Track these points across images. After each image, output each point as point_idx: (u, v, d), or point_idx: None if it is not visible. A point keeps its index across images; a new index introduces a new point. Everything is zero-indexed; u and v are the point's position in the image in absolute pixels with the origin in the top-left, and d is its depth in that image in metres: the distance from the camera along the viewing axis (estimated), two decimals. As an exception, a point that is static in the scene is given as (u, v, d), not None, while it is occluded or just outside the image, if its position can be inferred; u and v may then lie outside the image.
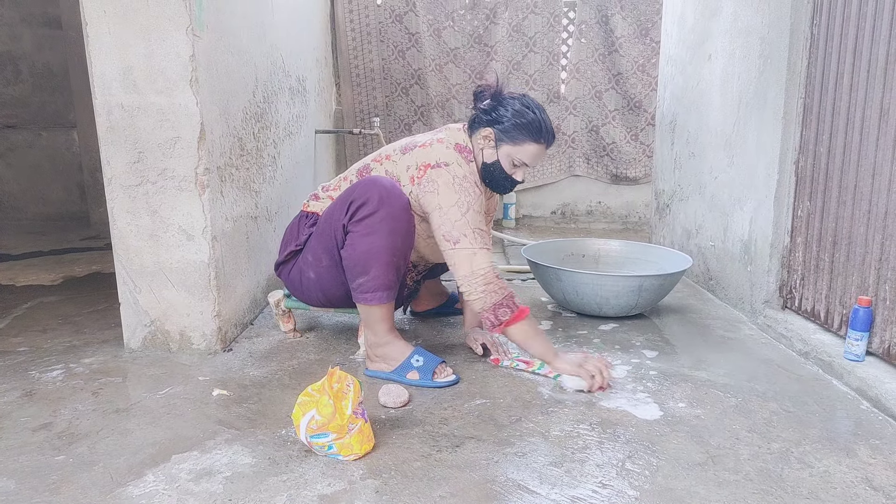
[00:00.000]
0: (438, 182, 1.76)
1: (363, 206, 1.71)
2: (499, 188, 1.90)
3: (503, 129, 1.80)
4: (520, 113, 1.79)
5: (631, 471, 1.32)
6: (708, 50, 2.70)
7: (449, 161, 1.78)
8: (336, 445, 1.33)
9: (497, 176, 1.85)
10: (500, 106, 1.82)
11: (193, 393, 1.70)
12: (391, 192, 1.73)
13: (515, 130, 1.79)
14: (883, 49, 1.69)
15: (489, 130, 1.82)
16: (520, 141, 1.80)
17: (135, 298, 1.96)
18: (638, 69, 4.34)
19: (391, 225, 1.71)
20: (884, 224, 1.69)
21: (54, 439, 1.45)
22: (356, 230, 1.72)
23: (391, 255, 1.73)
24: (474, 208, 1.76)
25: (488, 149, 1.84)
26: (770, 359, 1.95)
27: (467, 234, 1.73)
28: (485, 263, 1.72)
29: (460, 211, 1.74)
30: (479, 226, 1.75)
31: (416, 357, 1.76)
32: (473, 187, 1.78)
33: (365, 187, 1.74)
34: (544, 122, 1.80)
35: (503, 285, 1.74)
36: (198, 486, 1.27)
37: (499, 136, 1.81)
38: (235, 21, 2.12)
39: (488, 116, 1.83)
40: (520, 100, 1.82)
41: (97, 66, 1.82)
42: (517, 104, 1.80)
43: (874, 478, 1.30)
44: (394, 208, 1.71)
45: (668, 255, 2.57)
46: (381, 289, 1.75)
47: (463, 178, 1.77)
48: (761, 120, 2.23)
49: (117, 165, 1.88)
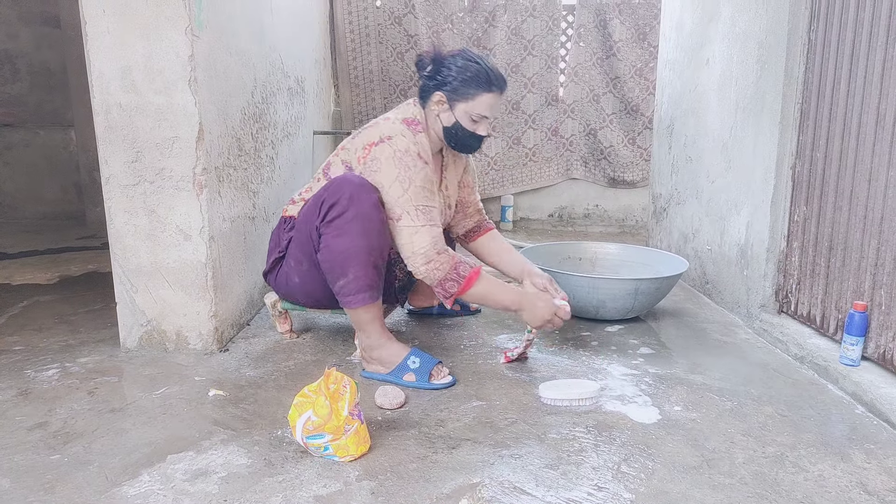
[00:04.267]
0: (381, 159, 1.74)
1: (333, 207, 1.69)
2: (467, 148, 1.89)
3: (452, 88, 1.78)
4: (464, 68, 1.77)
5: (626, 474, 1.32)
6: (706, 54, 2.71)
7: (392, 134, 1.76)
8: (332, 446, 1.33)
9: (461, 136, 1.84)
10: (443, 67, 1.80)
11: (189, 393, 1.70)
12: (360, 190, 1.69)
13: (465, 86, 1.77)
14: (880, 55, 1.69)
15: (439, 94, 1.80)
16: (472, 95, 1.78)
17: (131, 298, 1.96)
18: (636, 73, 4.35)
19: (363, 224, 1.67)
20: (879, 229, 1.70)
21: (49, 438, 1.45)
22: (328, 231, 1.70)
23: (367, 255, 1.69)
24: (417, 183, 1.72)
25: (444, 113, 1.82)
26: (766, 363, 1.96)
27: (409, 212, 1.71)
28: (426, 242, 1.71)
29: (402, 187, 1.72)
30: (422, 202, 1.73)
31: (412, 358, 1.76)
32: (416, 160, 1.74)
33: (334, 187, 1.71)
34: (491, 70, 1.79)
35: (446, 259, 1.72)
36: (193, 486, 1.27)
37: (451, 97, 1.79)
38: (235, 22, 2.12)
39: (434, 81, 1.81)
40: (460, 55, 1.80)
41: (96, 66, 1.82)
42: (459, 60, 1.79)
43: (868, 482, 1.30)
44: (363, 206, 1.67)
45: (665, 259, 2.58)
46: (363, 290, 1.72)
47: (405, 152, 1.73)
48: (758, 125, 2.24)
49: (115, 165, 1.88)
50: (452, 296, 1.74)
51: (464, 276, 1.72)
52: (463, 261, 1.75)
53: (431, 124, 1.86)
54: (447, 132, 1.84)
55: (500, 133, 4.44)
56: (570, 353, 2.02)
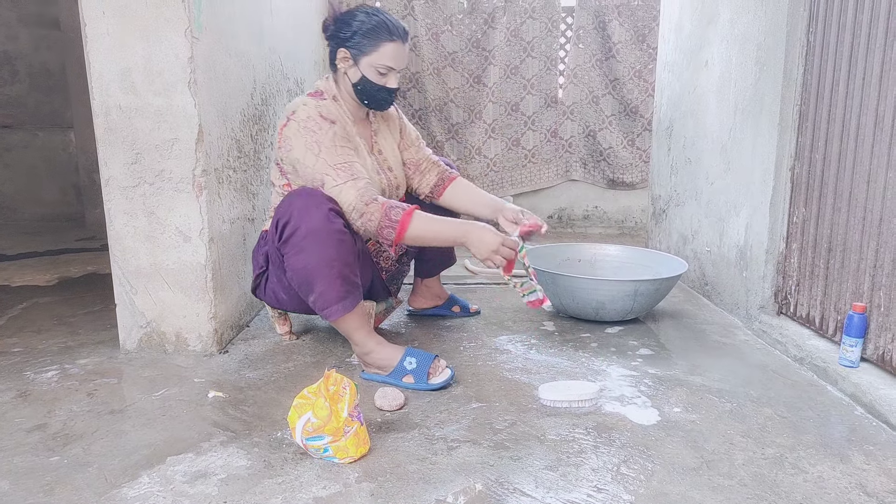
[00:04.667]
0: (290, 136, 1.76)
1: (287, 226, 1.67)
2: (380, 103, 1.89)
3: (355, 43, 1.80)
4: (363, 21, 1.79)
5: (626, 475, 1.32)
6: (705, 56, 2.71)
7: (295, 109, 1.78)
8: (332, 448, 1.33)
9: (370, 90, 1.84)
10: (344, 24, 1.81)
11: (189, 395, 1.70)
12: (308, 204, 1.66)
13: (366, 39, 1.78)
14: (878, 57, 1.70)
15: (343, 51, 1.82)
16: (374, 47, 1.79)
17: (131, 300, 1.96)
18: (635, 75, 4.35)
19: (317, 238, 1.64)
20: (878, 231, 1.70)
21: (49, 440, 1.45)
22: (286, 251, 1.69)
23: (329, 268, 1.66)
24: (326, 144, 1.73)
25: (350, 69, 1.83)
26: (765, 364, 1.96)
27: (328, 174, 1.71)
28: (351, 196, 1.70)
29: (313, 154, 1.72)
30: (338, 160, 1.72)
31: (408, 359, 1.75)
32: (320, 122, 1.74)
33: (285, 205, 1.70)
34: (389, 20, 1.80)
35: (375, 208, 1.70)
36: (193, 488, 1.27)
37: (354, 53, 1.81)
38: (234, 23, 2.12)
39: (337, 39, 1.83)
40: (359, 10, 1.81)
41: (95, 67, 1.82)
42: (359, 15, 1.80)
43: (868, 484, 1.30)
44: (314, 221, 1.64)
45: (664, 260, 2.58)
46: (333, 302, 1.70)
47: (307, 119, 1.75)
48: (757, 126, 2.24)
49: (115, 166, 1.88)
50: (393, 242, 1.72)
51: (397, 220, 1.70)
52: (395, 205, 1.73)
53: (345, 87, 1.87)
54: (356, 89, 1.84)
55: (500, 135, 4.45)
56: (569, 354, 2.03)
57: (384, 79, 1.83)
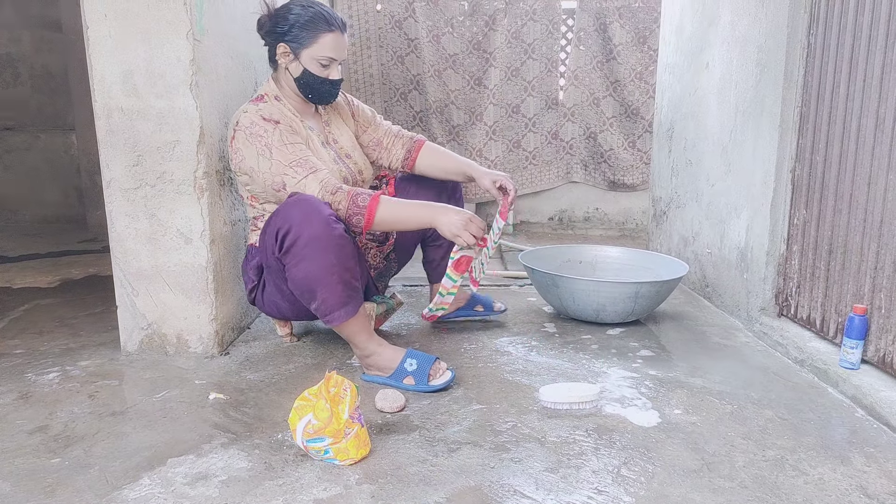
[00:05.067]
0: (240, 147, 1.76)
1: (287, 235, 1.65)
2: (324, 96, 1.88)
3: (293, 37, 1.79)
4: (299, 14, 1.78)
5: (626, 477, 1.32)
6: (705, 58, 2.71)
7: (238, 119, 1.79)
8: (332, 450, 1.34)
9: (313, 84, 1.83)
10: (280, 19, 1.80)
11: (190, 396, 1.70)
12: (308, 210, 1.64)
13: (304, 31, 1.77)
14: (879, 59, 1.70)
15: (282, 45, 1.81)
16: (313, 38, 1.78)
17: (132, 301, 1.96)
18: (636, 77, 4.35)
19: (318, 245, 1.63)
20: (879, 233, 1.70)
21: (50, 442, 1.45)
22: (287, 261, 1.68)
23: (330, 275, 1.66)
24: (276, 145, 1.72)
25: (291, 64, 1.82)
26: (766, 366, 1.96)
27: (287, 173, 1.72)
28: (315, 189, 1.71)
29: (266, 158, 1.72)
30: (291, 158, 1.72)
31: (409, 361, 1.75)
32: (263, 125, 1.74)
33: (284, 213, 1.67)
34: (325, 11, 1.79)
35: (342, 196, 1.71)
36: (193, 489, 1.27)
37: (294, 47, 1.80)
38: (235, 24, 2.13)
39: (274, 35, 1.82)
40: (293, 3, 1.80)
41: (97, 69, 1.83)
42: (294, 8, 1.79)
43: (869, 486, 1.30)
44: (314, 227, 1.62)
45: (665, 262, 2.58)
46: (335, 308, 1.70)
47: (251, 125, 1.75)
48: (758, 128, 2.24)
49: (116, 168, 1.88)
50: (363, 228, 1.73)
51: (364, 206, 1.71)
52: (360, 192, 1.73)
53: (287, 84, 1.86)
54: (299, 84, 1.84)
55: (501, 136, 4.45)
56: (570, 356, 2.03)
57: (326, 70, 1.82)
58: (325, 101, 1.92)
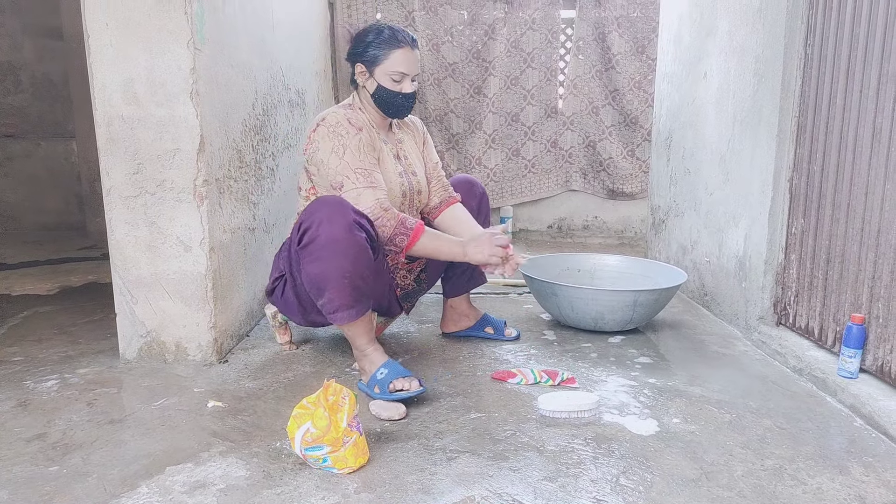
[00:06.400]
0: (318, 139, 1.84)
1: (307, 232, 1.69)
2: (399, 109, 1.95)
3: (368, 56, 1.89)
4: (372, 35, 1.88)
5: (625, 486, 1.32)
6: (703, 68, 2.73)
7: (325, 116, 1.88)
8: (331, 458, 1.33)
9: (388, 98, 1.91)
10: (357, 42, 1.92)
11: (188, 404, 1.70)
12: (333, 212, 1.67)
13: (376, 50, 1.88)
14: (875, 70, 1.71)
15: (359, 65, 1.91)
16: (384, 56, 1.87)
17: (131, 309, 1.96)
18: (634, 86, 4.37)
19: (335, 248, 1.65)
20: (877, 242, 1.71)
21: (48, 450, 1.45)
22: (303, 256, 1.71)
23: (342, 278, 1.68)
24: (351, 148, 1.81)
25: (368, 81, 1.91)
26: (764, 375, 1.96)
27: (349, 176, 1.79)
28: (370, 201, 1.78)
29: (338, 156, 1.80)
30: (360, 166, 1.81)
31: (381, 370, 1.75)
32: (348, 127, 1.84)
33: (310, 209, 1.71)
34: (395, 29, 1.90)
35: (393, 215, 1.80)
36: (192, 498, 1.27)
37: (368, 65, 1.90)
38: (236, 34, 2.14)
39: (353, 56, 1.93)
40: (370, 27, 1.92)
41: (98, 78, 1.84)
42: (369, 32, 1.90)
43: (867, 495, 1.30)
44: (336, 230, 1.65)
45: (664, 271, 2.58)
46: (340, 309, 1.72)
47: (336, 124, 1.84)
48: (756, 137, 2.25)
49: (116, 176, 1.89)
50: (403, 249, 1.82)
51: (411, 229, 1.80)
52: (409, 217, 1.83)
53: (366, 100, 1.95)
54: (375, 99, 1.92)
55: (500, 145, 4.46)
56: (568, 364, 2.03)
57: (399, 85, 1.90)
58: (400, 115, 1.99)
